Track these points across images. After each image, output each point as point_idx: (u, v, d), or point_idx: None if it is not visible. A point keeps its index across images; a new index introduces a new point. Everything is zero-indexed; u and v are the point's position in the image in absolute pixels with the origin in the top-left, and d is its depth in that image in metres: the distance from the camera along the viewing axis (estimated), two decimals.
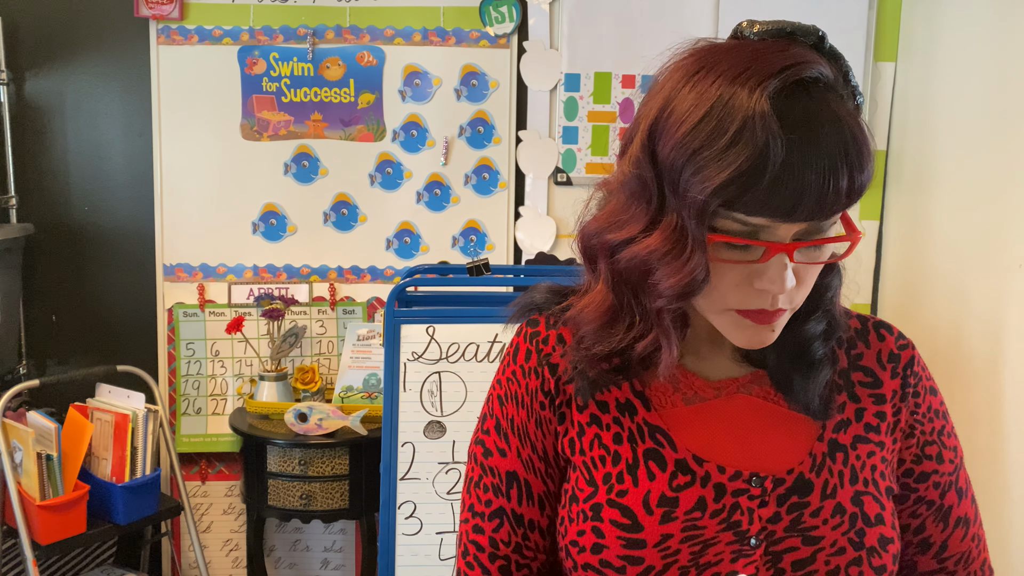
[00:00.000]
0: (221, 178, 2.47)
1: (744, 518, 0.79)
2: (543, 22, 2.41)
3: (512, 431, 0.86)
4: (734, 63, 0.70)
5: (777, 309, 0.74)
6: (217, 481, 2.55)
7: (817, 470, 0.81)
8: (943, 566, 0.89)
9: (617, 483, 0.80)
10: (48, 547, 2.07)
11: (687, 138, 0.69)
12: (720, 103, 0.68)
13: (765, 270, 0.72)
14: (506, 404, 0.87)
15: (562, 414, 0.84)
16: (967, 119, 2.09)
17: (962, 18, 2.13)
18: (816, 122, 0.68)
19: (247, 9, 2.42)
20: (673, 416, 0.83)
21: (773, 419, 0.83)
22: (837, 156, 0.68)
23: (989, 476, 1.93)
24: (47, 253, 2.49)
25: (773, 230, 0.70)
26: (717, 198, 0.68)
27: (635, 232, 0.75)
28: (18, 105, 2.44)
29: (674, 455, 0.81)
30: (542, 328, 0.87)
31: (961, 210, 2.10)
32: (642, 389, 0.84)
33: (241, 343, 2.50)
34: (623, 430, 0.82)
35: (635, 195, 0.76)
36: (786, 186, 0.67)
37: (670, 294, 0.73)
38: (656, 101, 0.74)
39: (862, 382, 0.86)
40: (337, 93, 2.46)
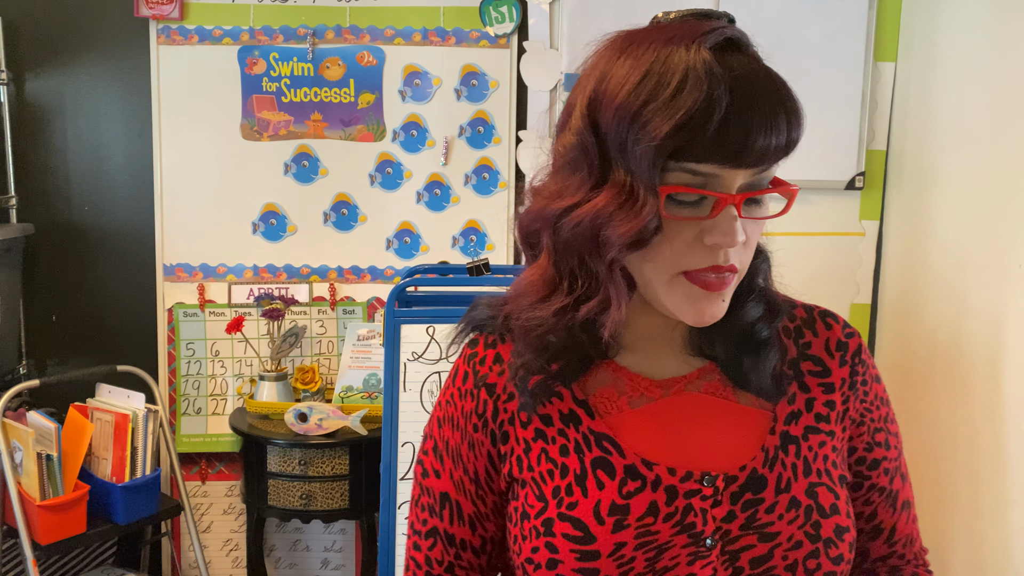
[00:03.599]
0: (221, 178, 2.47)
1: (698, 519, 0.78)
2: (543, 22, 2.41)
3: (447, 453, 0.86)
4: (661, 34, 0.73)
5: (729, 267, 0.74)
6: (217, 481, 2.55)
7: (770, 464, 0.81)
8: (893, 550, 0.91)
9: (567, 496, 0.80)
10: (48, 547, 2.07)
11: (630, 98, 0.71)
12: (659, 62, 0.71)
13: (716, 224, 0.72)
14: (443, 426, 0.87)
15: (504, 434, 0.84)
16: (967, 119, 2.09)
17: (962, 18, 2.13)
18: (753, 73, 0.71)
19: (247, 9, 2.42)
20: (619, 421, 0.82)
21: (723, 415, 0.83)
22: (776, 103, 0.71)
23: (989, 476, 1.93)
24: (47, 253, 2.49)
25: (721, 181, 0.71)
26: (667, 146, 0.69)
27: (579, 197, 0.75)
28: (18, 105, 2.44)
29: (622, 461, 0.80)
30: (480, 348, 0.87)
31: (961, 210, 2.10)
32: (584, 397, 0.83)
33: (241, 343, 2.50)
34: (569, 441, 0.82)
35: (577, 163, 0.76)
36: (733, 129, 0.69)
37: (621, 243, 0.72)
38: (590, 78, 0.75)
39: (811, 371, 0.86)
40: (337, 93, 2.46)
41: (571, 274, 0.78)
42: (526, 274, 0.82)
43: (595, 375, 0.84)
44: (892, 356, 2.44)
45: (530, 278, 0.81)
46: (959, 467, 2.05)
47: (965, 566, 2.03)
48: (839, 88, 2.40)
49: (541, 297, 0.80)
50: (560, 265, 0.78)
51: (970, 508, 2.00)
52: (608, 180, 0.74)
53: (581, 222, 0.74)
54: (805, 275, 2.86)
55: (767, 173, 0.74)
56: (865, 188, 2.45)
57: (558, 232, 0.77)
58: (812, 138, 2.83)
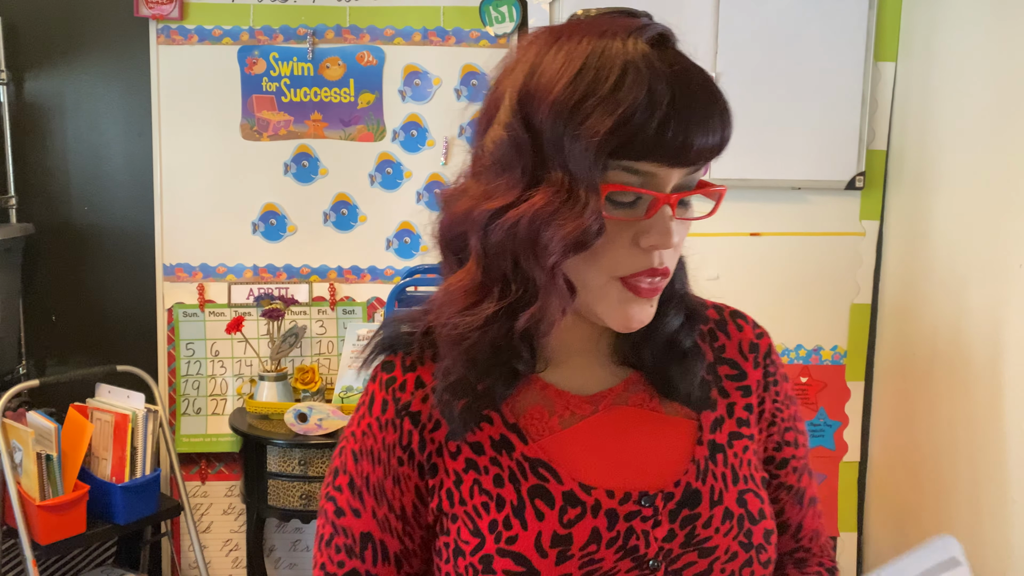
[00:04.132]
0: (221, 178, 2.47)
1: (640, 542, 0.76)
2: (543, 22, 2.41)
3: (367, 490, 0.79)
4: (592, 28, 0.71)
5: (663, 270, 0.73)
6: (217, 481, 2.55)
7: (702, 477, 0.80)
8: (799, 544, 0.91)
9: (505, 529, 0.75)
10: (48, 547, 2.07)
11: (566, 93, 0.67)
12: (595, 55, 0.68)
13: (652, 225, 0.70)
14: (361, 460, 0.79)
15: (433, 466, 0.78)
16: (967, 119, 2.09)
17: (962, 18, 2.13)
18: (687, 69, 0.70)
19: (247, 9, 2.42)
20: (553, 444, 0.78)
21: (653, 428, 0.81)
22: (711, 102, 0.70)
23: (989, 476, 1.93)
24: (47, 253, 2.49)
25: (658, 181, 0.70)
26: (608, 143, 0.67)
27: (512, 198, 0.71)
28: (18, 105, 2.44)
29: (560, 487, 0.76)
30: (398, 372, 0.80)
31: (962, 210, 2.10)
32: (515, 421, 0.78)
33: (241, 343, 2.49)
34: (503, 470, 0.77)
35: (508, 162, 0.71)
36: (674, 126, 0.67)
37: (563, 245, 0.69)
38: (518, 73, 0.72)
39: (728, 375, 0.86)
40: (337, 93, 2.46)
41: (503, 279, 0.73)
42: (452, 280, 0.76)
43: (523, 394, 0.80)
44: (892, 356, 2.44)
45: (457, 284, 0.75)
46: (959, 467, 2.05)
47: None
48: (839, 88, 2.40)
49: (470, 304, 0.74)
50: (491, 270, 0.73)
51: (969, 508, 2.00)
52: (544, 179, 0.70)
53: (518, 223, 0.70)
54: (805, 275, 2.88)
55: (697, 174, 0.73)
56: (865, 188, 2.45)
57: (489, 235, 0.72)
58: (812, 138, 2.85)
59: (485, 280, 0.74)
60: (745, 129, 2.94)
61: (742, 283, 2.45)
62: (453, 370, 0.76)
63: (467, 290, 0.74)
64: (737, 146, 2.66)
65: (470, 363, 0.75)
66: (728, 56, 2.39)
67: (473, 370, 0.75)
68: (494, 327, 0.74)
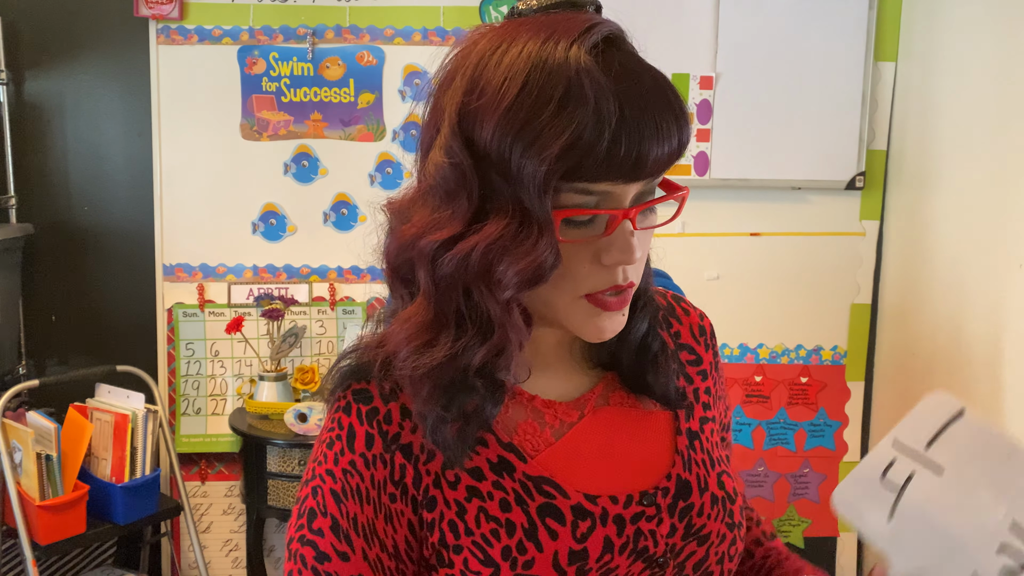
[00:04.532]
0: (221, 178, 2.47)
1: (648, 542, 0.76)
2: None
3: (356, 531, 0.73)
4: (534, 31, 0.67)
5: (628, 284, 0.71)
6: (217, 481, 2.55)
7: (688, 466, 0.80)
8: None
9: (519, 554, 0.72)
10: (48, 547, 2.07)
11: (509, 114, 0.64)
12: (536, 69, 0.64)
13: (612, 242, 0.68)
14: (345, 501, 0.73)
15: (431, 499, 0.73)
16: (967, 119, 2.09)
17: (962, 18, 2.13)
18: (637, 74, 0.66)
19: (247, 9, 2.42)
20: (551, 458, 0.76)
21: (636, 426, 0.81)
22: (664, 107, 0.66)
23: None
24: (47, 253, 2.49)
25: (614, 197, 0.67)
26: (558, 169, 0.63)
27: (460, 228, 0.67)
28: (18, 105, 2.43)
29: (568, 502, 0.74)
30: (378, 403, 0.74)
31: (961, 210, 2.10)
32: (509, 439, 0.75)
33: (241, 343, 2.49)
34: (507, 493, 0.74)
35: (453, 190, 0.68)
36: (625, 143, 0.64)
37: (519, 280, 0.66)
38: (457, 86, 0.68)
39: (688, 360, 0.87)
40: (337, 93, 2.45)
41: (457, 314, 0.70)
42: (404, 315, 0.72)
43: (511, 410, 0.77)
44: (892, 356, 2.44)
45: (410, 320, 0.71)
46: None
47: None
48: (839, 88, 2.40)
49: (424, 343, 0.70)
50: (443, 304, 0.70)
51: None
52: (492, 207, 0.67)
53: (468, 256, 0.67)
54: (805, 275, 2.88)
55: (657, 179, 0.70)
56: (865, 188, 2.45)
57: (437, 268, 0.69)
58: (812, 138, 2.85)
59: (438, 315, 0.70)
60: (745, 129, 2.96)
61: (742, 283, 2.45)
62: (427, 412, 0.72)
63: (420, 327, 0.71)
64: (737, 146, 2.69)
65: (440, 397, 0.72)
66: (728, 56, 2.39)
67: (447, 401, 0.72)
68: (451, 365, 0.70)
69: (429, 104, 0.73)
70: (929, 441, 0.73)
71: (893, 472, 0.73)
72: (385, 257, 0.75)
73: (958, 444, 0.72)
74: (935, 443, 0.73)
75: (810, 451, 2.54)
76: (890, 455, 0.74)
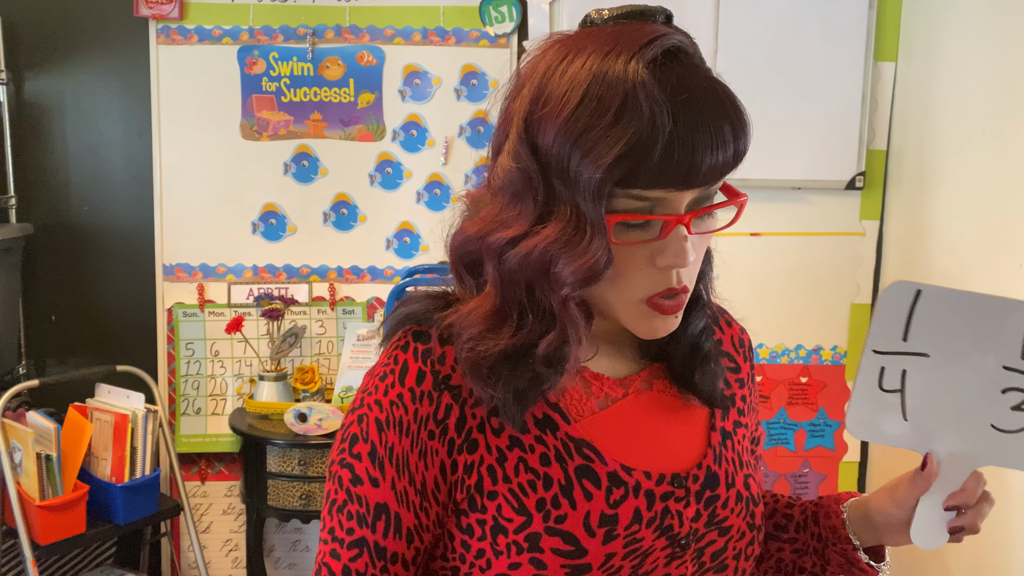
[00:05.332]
0: (221, 178, 2.47)
1: (675, 521, 0.79)
2: (543, 22, 2.41)
3: (390, 460, 0.76)
4: (599, 44, 0.70)
5: (683, 288, 0.74)
6: (217, 481, 2.55)
7: (719, 461, 0.84)
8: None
9: (553, 508, 0.76)
10: (48, 547, 2.07)
11: (569, 123, 0.68)
12: (596, 82, 0.68)
13: (666, 246, 0.71)
14: (386, 430, 0.76)
15: (472, 442, 0.76)
16: (967, 119, 2.09)
17: (962, 18, 2.13)
18: (694, 87, 0.69)
19: (247, 9, 2.42)
20: (593, 426, 0.79)
21: (675, 413, 0.84)
22: (720, 117, 0.69)
23: (989, 476, 1.92)
24: (47, 253, 2.49)
25: (669, 202, 0.70)
26: (612, 176, 0.67)
27: (525, 228, 0.72)
28: (18, 105, 2.43)
29: (605, 468, 0.78)
30: (435, 344, 0.78)
31: (962, 210, 2.10)
32: (556, 401, 0.79)
33: (241, 343, 2.49)
34: (548, 449, 0.77)
35: (519, 192, 0.73)
36: (678, 153, 0.67)
37: (574, 280, 0.71)
38: (525, 95, 0.73)
39: (728, 368, 0.91)
40: (337, 93, 2.45)
41: (520, 306, 0.75)
42: (471, 305, 0.76)
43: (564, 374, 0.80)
44: None
45: (480, 304, 0.76)
46: None
47: (965, 566, 2.02)
48: (839, 88, 2.40)
49: (487, 329, 0.75)
50: (507, 297, 0.75)
51: None
52: (554, 211, 0.71)
53: (531, 254, 0.72)
54: (805, 275, 2.88)
55: (715, 186, 0.73)
56: (865, 188, 2.45)
57: (504, 263, 0.74)
58: (812, 138, 2.85)
59: (503, 306, 0.75)
60: None
61: (742, 283, 2.44)
62: (484, 393, 0.75)
63: (485, 315, 0.75)
64: None
65: (498, 381, 0.75)
66: (728, 56, 2.39)
67: (504, 383, 0.75)
68: (512, 353, 0.75)
69: (501, 110, 0.78)
70: (904, 334, 0.75)
71: (887, 379, 0.77)
72: (452, 246, 0.80)
73: (930, 323, 0.75)
74: (910, 333, 0.76)
75: (810, 451, 2.54)
76: (877, 365, 0.77)
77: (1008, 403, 0.75)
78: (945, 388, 0.76)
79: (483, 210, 0.77)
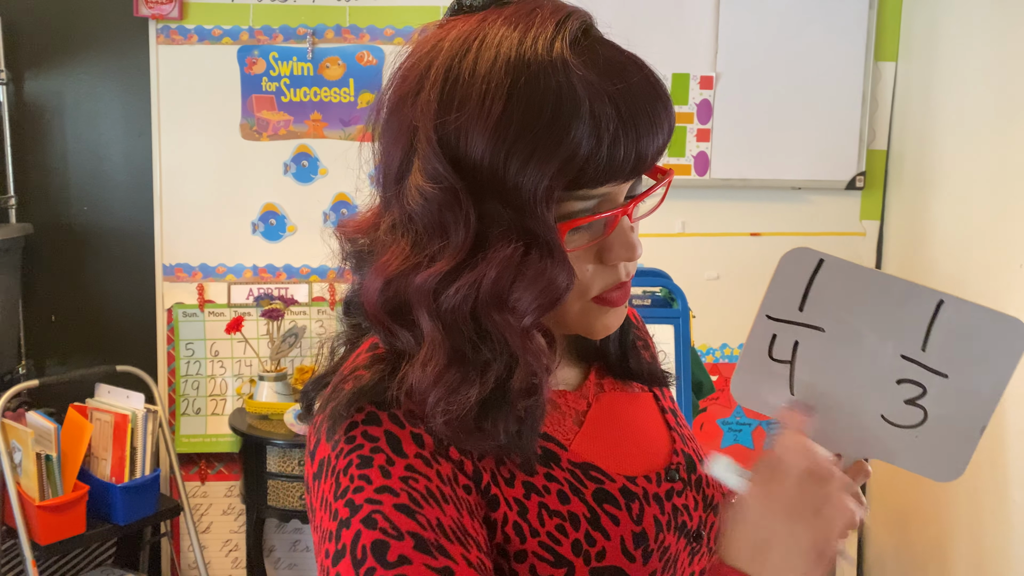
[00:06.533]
0: (221, 178, 2.47)
1: (685, 517, 0.75)
2: None
3: (448, 537, 0.61)
4: (504, 27, 0.61)
5: (629, 278, 0.69)
6: (217, 481, 2.55)
7: (684, 441, 0.81)
8: None
9: (589, 546, 0.67)
10: (47, 547, 2.06)
11: (499, 128, 0.59)
12: (520, 74, 0.59)
13: (614, 241, 0.66)
14: (420, 510, 0.61)
15: (493, 498, 0.65)
16: (968, 119, 2.09)
17: (963, 18, 2.13)
18: (621, 67, 0.62)
19: (247, 9, 2.42)
20: (583, 444, 0.72)
21: (635, 408, 0.80)
22: (654, 98, 0.63)
23: (989, 477, 1.92)
24: (47, 253, 2.49)
25: (612, 196, 0.65)
26: (558, 182, 0.60)
27: (459, 258, 0.61)
28: (18, 105, 2.43)
29: (615, 485, 0.71)
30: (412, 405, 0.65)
31: (962, 210, 2.10)
32: (544, 429, 0.70)
33: (241, 343, 2.49)
34: (561, 484, 0.68)
35: (442, 217, 0.61)
36: (623, 143, 0.61)
37: (536, 307, 0.62)
38: (427, 101, 0.62)
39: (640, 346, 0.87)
40: (337, 93, 2.45)
41: (473, 345, 0.64)
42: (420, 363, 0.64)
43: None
44: None
45: (429, 368, 0.63)
46: None
47: (965, 566, 2.02)
48: (839, 88, 2.40)
49: (451, 387, 0.63)
50: (457, 342, 0.63)
51: (970, 508, 2.00)
52: (492, 231, 0.62)
53: (478, 288, 0.61)
54: None
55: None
56: (865, 188, 2.45)
57: (442, 306, 0.62)
58: (812, 138, 2.84)
59: (455, 355, 0.64)
60: (745, 129, 2.96)
61: (742, 283, 2.45)
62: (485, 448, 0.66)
63: (440, 373, 0.63)
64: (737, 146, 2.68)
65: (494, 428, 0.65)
66: (728, 56, 2.39)
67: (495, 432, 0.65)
68: (492, 397, 0.64)
69: (390, 118, 0.66)
70: (800, 304, 0.71)
71: (777, 348, 0.71)
72: (367, 301, 0.66)
73: (828, 297, 0.70)
74: (807, 303, 0.70)
75: None
76: (769, 331, 0.72)
77: (902, 395, 0.69)
78: (837, 368, 0.70)
79: (390, 247, 0.65)
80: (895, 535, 2.39)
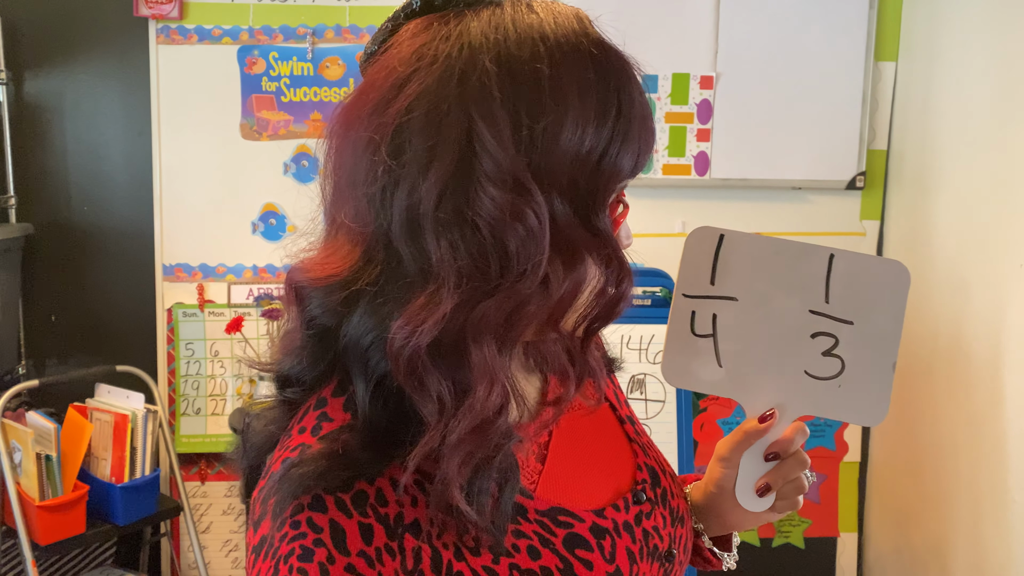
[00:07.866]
0: (221, 178, 2.47)
1: (656, 539, 0.73)
2: None
3: None
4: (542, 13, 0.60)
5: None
6: (217, 481, 2.55)
7: (646, 452, 0.79)
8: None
9: None
10: (47, 547, 2.06)
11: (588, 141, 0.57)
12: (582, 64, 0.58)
13: (619, 234, 0.65)
14: None
15: (458, 574, 0.60)
16: (968, 119, 2.09)
17: (963, 17, 2.13)
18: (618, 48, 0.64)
19: (247, 9, 2.42)
20: (548, 485, 0.69)
21: (595, 425, 0.77)
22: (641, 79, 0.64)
23: (989, 476, 1.92)
24: (47, 253, 2.49)
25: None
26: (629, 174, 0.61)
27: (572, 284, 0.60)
28: (18, 105, 2.43)
29: (584, 525, 0.67)
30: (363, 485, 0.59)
31: (962, 210, 2.10)
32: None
33: (241, 343, 2.49)
34: (530, 538, 0.64)
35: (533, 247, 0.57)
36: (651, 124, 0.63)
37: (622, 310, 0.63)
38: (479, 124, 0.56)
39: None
40: (337, 93, 2.45)
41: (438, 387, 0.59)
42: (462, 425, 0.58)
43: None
44: None
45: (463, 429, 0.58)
46: (959, 467, 2.05)
47: (965, 566, 2.02)
48: (839, 88, 2.40)
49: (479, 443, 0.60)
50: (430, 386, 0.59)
51: (970, 508, 2.00)
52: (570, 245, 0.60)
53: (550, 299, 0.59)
54: None
55: None
56: (866, 188, 2.45)
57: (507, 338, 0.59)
58: (812, 138, 2.84)
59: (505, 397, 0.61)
60: (745, 129, 2.95)
61: None
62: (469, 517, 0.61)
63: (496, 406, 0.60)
64: (737, 146, 2.68)
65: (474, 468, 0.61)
66: (728, 56, 2.39)
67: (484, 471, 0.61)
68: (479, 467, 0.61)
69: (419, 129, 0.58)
70: (711, 278, 0.75)
71: (698, 323, 0.75)
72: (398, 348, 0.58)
73: (735, 267, 0.74)
74: (716, 276, 0.75)
75: (810, 451, 2.53)
76: (687, 309, 0.75)
77: (818, 348, 0.74)
78: (756, 332, 0.75)
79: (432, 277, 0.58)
80: (895, 535, 2.39)
